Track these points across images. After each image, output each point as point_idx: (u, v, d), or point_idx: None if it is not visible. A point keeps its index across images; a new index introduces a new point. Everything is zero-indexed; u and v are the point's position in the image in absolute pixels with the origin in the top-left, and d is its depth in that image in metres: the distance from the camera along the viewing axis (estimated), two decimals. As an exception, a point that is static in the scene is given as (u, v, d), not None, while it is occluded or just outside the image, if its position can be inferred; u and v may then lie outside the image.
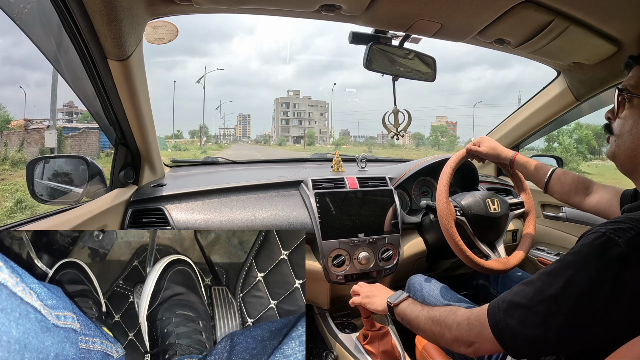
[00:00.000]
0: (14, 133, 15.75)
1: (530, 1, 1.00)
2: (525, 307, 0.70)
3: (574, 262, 0.68)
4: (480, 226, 1.30)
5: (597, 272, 0.65)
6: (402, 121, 1.46)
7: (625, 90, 0.82)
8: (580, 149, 22.06)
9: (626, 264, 0.63)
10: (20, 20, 0.92)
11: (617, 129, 0.83)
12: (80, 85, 1.15)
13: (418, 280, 1.39)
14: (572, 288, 0.66)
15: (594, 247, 0.67)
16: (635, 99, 0.80)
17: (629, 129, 0.80)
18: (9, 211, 7.56)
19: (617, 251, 0.64)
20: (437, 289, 1.32)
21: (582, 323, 0.65)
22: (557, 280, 0.68)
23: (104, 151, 18.08)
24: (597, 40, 1.19)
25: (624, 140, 0.81)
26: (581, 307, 0.65)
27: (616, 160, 0.85)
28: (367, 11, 1.07)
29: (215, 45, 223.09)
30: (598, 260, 0.65)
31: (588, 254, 0.67)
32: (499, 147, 1.31)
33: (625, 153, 0.82)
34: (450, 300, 1.25)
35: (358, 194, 1.51)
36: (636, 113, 0.80)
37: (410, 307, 0.95)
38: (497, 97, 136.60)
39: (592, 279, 0.65)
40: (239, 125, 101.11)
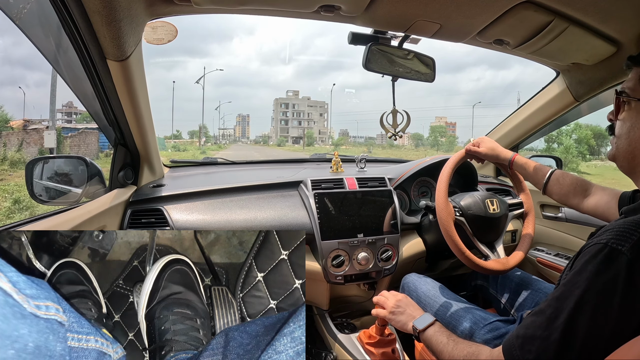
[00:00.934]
0: (13, 133, 15.73)
1: (529, 2, 1.00)
2: (541, 339, 0.68)
3: (581, 281, 0.67)
4: (480, 227, 1.30)
5: (606, 286, 0.64)
6: (400, 122, 1.46)
7: (624, 93, 0.82)
8: (580, 149, 22.10)
9: (634, 269, 0.62)
10: (20, 21, 0.92)
11: (618, 130, 0.84)
12: (80, 86, 1.15)
13: (412, 280, 1.40)
14: (584, 308, 0.65)
15: (598, 261, 0.66)
16: (633, 101, 0.80)
17: (626, 130, 0.81)
18: (7, 211, 7.55)
19: (623, 260, 0.63)
20: (433, 288, 1.32)
21: (600, 339, 0.63)
22: (567, 304, 0.66)
23: (103, 151, 18.06)
24: (596, 40, 1.19)
25: (622, 142, 0.82)
26: (597, 324, 0.63)
27: (616, 161, 0.85)
28: (366, 12, 1.07)
29: (215, 45, 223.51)
30: (605, 274, 0.64)
31: (594, 270, 0.66)
32: (498, 148, 1.31)
33: (624, 155, 0.83)
34: (448, 299, 1.26)
35: (357, 194, 1.51)
36: (634, 115, 0.80)
37: (435, 337, 0.94)
38: (497, 97, 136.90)
39: (602, 293, 0.64)
40: (238, 126, 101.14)
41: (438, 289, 1.33)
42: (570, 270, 0.72)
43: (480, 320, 1.15)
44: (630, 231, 0.66)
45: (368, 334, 1.28)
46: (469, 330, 1.14)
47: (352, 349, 1.36)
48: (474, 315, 1.17)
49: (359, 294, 1.66)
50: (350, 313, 1.68)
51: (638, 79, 0.81)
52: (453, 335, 0.92)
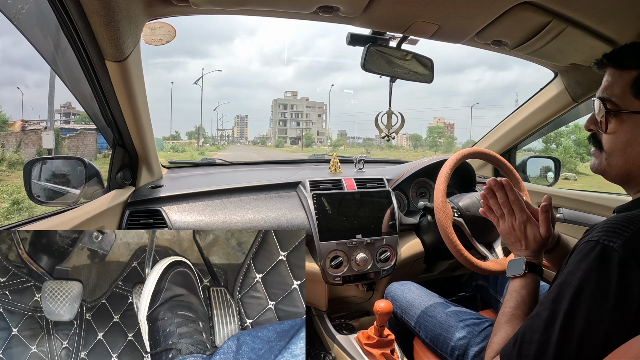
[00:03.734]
0: (11, 134, 15.70)
1: (527, 3, 1.01)
2: (539, 342, 0.67)
3: (574, 281, 0.66)
4: (478, 227, 1.30)
5: (600, 284, 0.63)
6: (394, 123, 1.47)
7: (609, 102, 0.76)
8: (579, 150, 22.12)
9: (626, 266, 0.62)
10: (18, 21, 0.92)
11: (608, 145, 0.77)
12: (78, 86, 1.14)
13: (395, 289, 1.39)
14: (579, 307, 0.64)
15: (591, 259, 0.65)
16: (624, 114, 0.74)
17: (621, 147, 0.75)
18: (6, 212, 7.53)
19: (615, 256, 0.63)
20: (419, 297, 1.31)
21: (597, 339, 0.62)
22: (562, 304, 0.66)
23: (102, 152, 18.01)
24: (595, 41, 1.19)
25: (615, 159, 0.76)
26: (593, 324, 0.63)
27: (605, 176, 0.80)
28: (364, 12, 1.07)
29: (216, 46, 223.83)
30: (598, 271, 0.64)
31: (586, 269, 0.65)
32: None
33: (617, 172, 0.77)
34: (436, 306, 1.24)
35: (355, 195, 1.51)
36: (629, 130, 0.73)
37: (508, 294, 0.88)
38: (495, 98, 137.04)
39: (596, 291, 0.64)
40: (236, 127, 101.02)
41: (424, 295, 1.31)
42: (564, 269, 0.71)
43: (474, 329, 1.11)
44: (622, 227, 0.65)
45: (367, 335, 1.28)
46: (463, 342, 1.09)
47: (351, 349, 1.35)
48: (466, 323, 1.14)
49: (358, 294, 1.65)
50: (348, 314, 1.68)
51: (627, 85, 0.73)
52: (518, 309, 0.84)
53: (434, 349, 1.18)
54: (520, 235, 0.93)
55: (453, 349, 1.10)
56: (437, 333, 1.17)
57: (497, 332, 0.82)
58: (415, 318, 1.25)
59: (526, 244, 0.92)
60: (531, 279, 0.87)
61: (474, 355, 1.05)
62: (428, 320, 1.21)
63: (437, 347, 1.16)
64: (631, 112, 0.73)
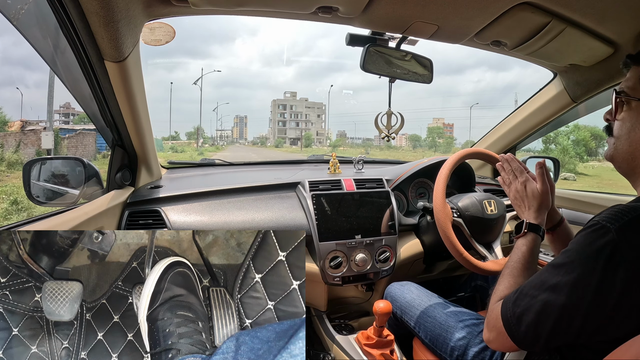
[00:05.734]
0: (10, 134, 15.69)
1: (527, 3, 1.01)
2: (531, 297, 0.75)
3: (571, 251, 0.73)
4: (477, 228, 1.30)
5: (589, 260, 0.69)
6: (394, 123, 1.47)
7: (623, 93, 0.82)
8: (578, 150, 22.15)
9: (617, 249, 0.66)
10: (17, 22, 0.92)
11: (616, 131, 0.84)
12: (77, 87, 1.14)
13: (395, 289, 1.40)
14: (567, 277, 0.70)
15: (588, 235, 0.71)
16: (633, 101, 0.80)
17: (626, 131, 0.81)
18: (5, 213, 7.52)
19: (609, 237, 0.67)
20: (418, 297, 1.31)
21: (575, 312, 0.68)
22: (558, 271, 0.72)
23: (101, 153, 18.01)
24: (594, 42, 1.19)
25: (621, 142, 0.82)
26: (575, 296, 0.68)
27: (614, 162, 0.85)
28: (364, 13, 1.07)
29: (216, 46, 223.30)
30: (590, 248, 0.69)
31: (583, 243, 0.71)
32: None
33: (623, 156, 0.83)
34: (435, 306, 1.25)
35: (355, 195, 1.51)
36: (634, 116, 0.80)
37: (513, 251, 0.99)
38: (495, 98, 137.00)
39: (585, 266, 0.69)
40: (235, 127, 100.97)
41: (424, 296, 1.31)
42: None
43: (473, 329, 1.12)
44: (622, 213, 0.70)
45: (366, 335, 1.28)
46: (462, 342, 1.10)
47: (350, 350, 1.36)
48: (465, 323, 1.14)
49: (357, 295, 1.65)
50: (348, 314, 1.68)
51: (638, 78, 0.81)
52: (518, 262, 0.95)
53: (433, 350, 1.18)
54: (522, 193, 1.08)
55: (452, 350, 1.10)
56: (437, 333, 1.17)
57: (501, 282, 0.93)
58: (415, 318, 1.25)
59: (528, 203, 1.06)
60: (531, 237, 0.99)
61: (474, 355, 1.05)
62: (427, 320, 1.21)
63: (437, 347, 1.16)
64: (638, 100, 0.80)
